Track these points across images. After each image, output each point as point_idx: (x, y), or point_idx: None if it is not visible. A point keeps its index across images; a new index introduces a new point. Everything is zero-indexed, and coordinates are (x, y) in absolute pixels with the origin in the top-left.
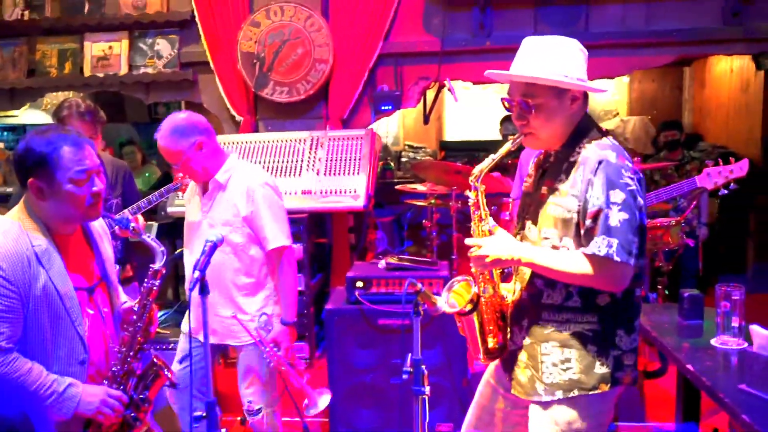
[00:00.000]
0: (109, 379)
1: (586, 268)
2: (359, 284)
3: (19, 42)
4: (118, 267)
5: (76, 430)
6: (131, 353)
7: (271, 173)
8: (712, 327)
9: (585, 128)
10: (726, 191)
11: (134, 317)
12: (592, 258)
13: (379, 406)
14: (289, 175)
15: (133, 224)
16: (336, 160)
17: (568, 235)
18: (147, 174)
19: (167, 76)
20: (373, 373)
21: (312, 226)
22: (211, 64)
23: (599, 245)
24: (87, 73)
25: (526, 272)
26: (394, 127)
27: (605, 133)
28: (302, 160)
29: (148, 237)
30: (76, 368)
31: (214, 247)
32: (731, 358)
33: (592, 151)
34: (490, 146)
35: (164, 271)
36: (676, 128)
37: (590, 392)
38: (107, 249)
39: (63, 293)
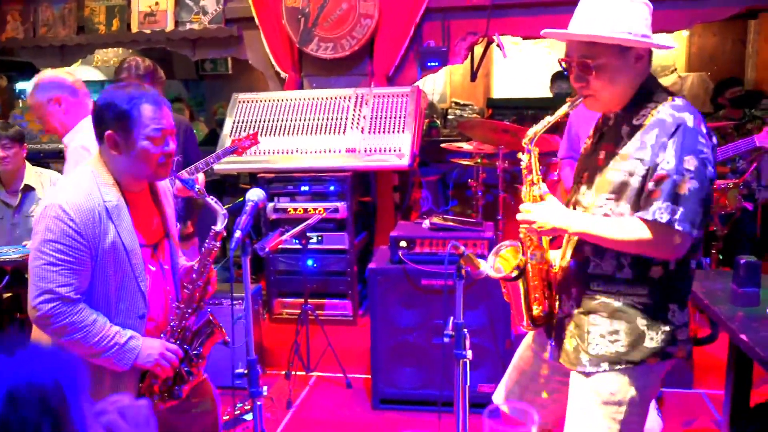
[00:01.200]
0: (166, 333)
1: (642, 234)
2: (403, 244)
3: (68, 0)
4: (179, 224)
5: (131, 382)
6: (189, 310)
7: (316, 131)
8: None
9: (649, 89)
10: None
11: (194, 276)
12: (652, 224)
13: (421, 365)
14: (334, 132)
15: (198, 186)
16: (381, 117)
17: (624, 200)
18: (195, 131)
19: (213, 33)
20: (416, 332)
21: (356, 185)
22: (256, 20)
23: (662, 211)
24: (134, 29)
25: (576, 240)
26: (440, 84)
27: (672, 94)
28: (347, 118)
29: (212, 199)
30: (136, 322)
31: (255, 206)
32: None
33: (667, 113)
34: (539, 104)
35: (225, 234)
36: (739, 84)
37: (637, 365)
38: (171, 207)
39: (129, 249)
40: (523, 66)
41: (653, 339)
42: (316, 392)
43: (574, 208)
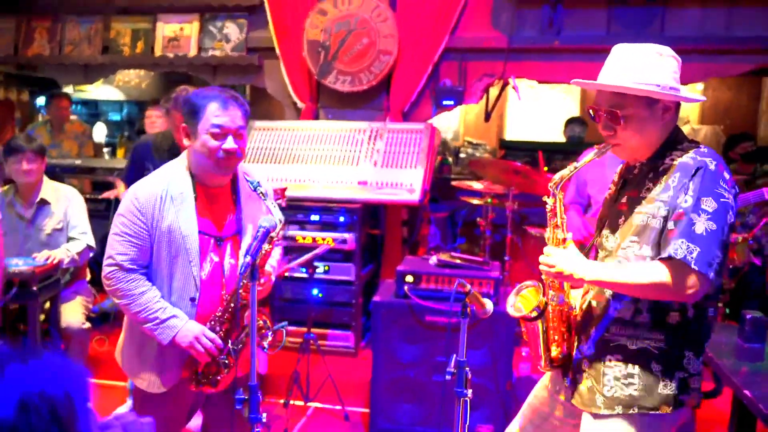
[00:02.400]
0: (212, 320)
1: (658, 276)
2: (409, 279)
3: (95, 20)
4: None
5: (173, 358)
6: (233, 303)
7: (330, 161)
8: None
9: (675, 140)
10: None
11: (246, 273)
12: (668, 264)
13: (421, 401)
14: (347, 164)
15: (263, 188)
16: (394, 152)
17: (646, 243)
18: None
19: (234, 60)
20: (417, 368)
21: (366, 217)
22: (277, 50)
23: (677, 248)
24: (158, 52)
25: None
26: (454, 122)
27: (698, 144)
28: (360, 151)
29: (273, 204)
30: (187, 303)
31: (267, 232)
32: None
33: (690, 158)
34: (552, 147)
35: (279, 238)
36: (751, 140)
37: (650, 412)
38: (253, 209)
39: (186, 234)
40: (536, 109)
41: (667, 386)
42: (314, 423)
43: (597, 252)
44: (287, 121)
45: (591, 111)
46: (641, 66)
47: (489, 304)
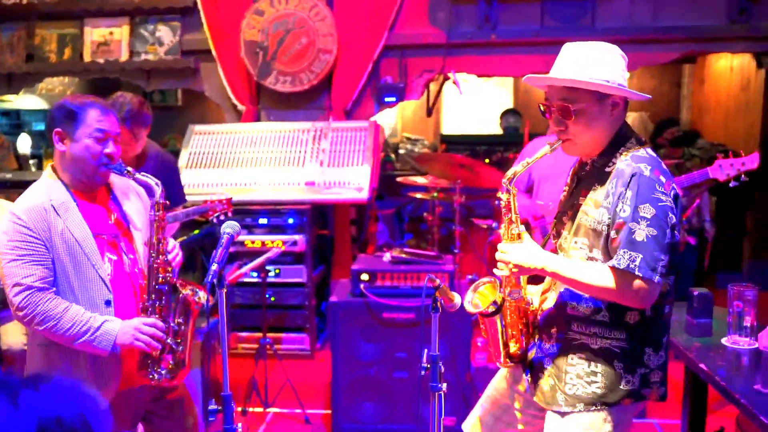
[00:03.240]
0: (141, 311)
1: (609, 281)
2: (364, 277)
3: (17, 26)
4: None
5: (112, 371)
6: (154, 284)
7: (274, 163)
8: (721, 326)
9: (623, 137)
10: (737, 183)
11: (151, 251)
12: (615, 271)
13: (383, 399)
14: (293, 165)
15: (129, 168)
16: (339, 151)
17: (597, 247)
18: None
19: (169, 63)
20: (377, 366)
21: (315, 218)
22: (214, 52)
23: (620, 258)
24: (87, 58)
25: (558, 282)
26: (392, 119)
27: (643, 143)
28: (305, 151)
29: (141, 174)
30: (103, 308)
31: (231, 238)
32: (742, 358)
33: (626, 164)
34: (491, 140)
35: (165, 203)
36: (677, 125)
37: (612, 406)
38: (134, 203)
39: (80, 239)
40: (471, 102)
41: (629, 382)
42: (274, 429)
43: (556, 253)
44: (228, 125)
45: (542, 107)
46: (591, 62)
47: (457, 298)
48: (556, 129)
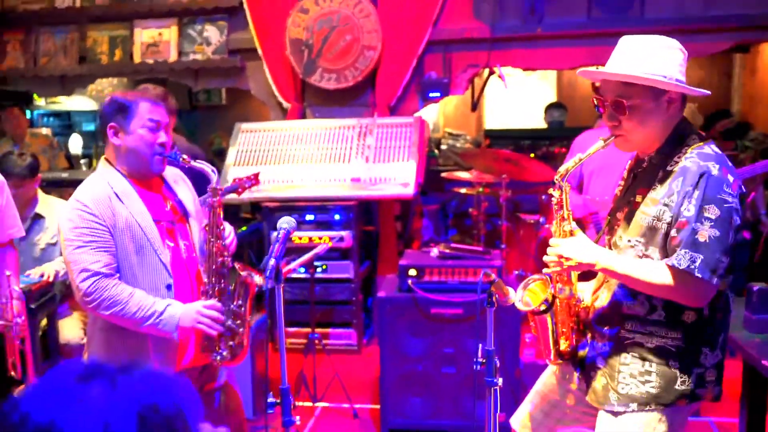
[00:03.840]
0: (202, 294)
1: (665, 279)
2: (412, 272)
3: (70, 29)
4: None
5: (171, 352)
6: (213, 267)
7: (320, 160)
8: None
9: (683, 133)
10: None
11: (207, 235)
12: (673, 270)
13: (431, 394)
14: (338, 161)
15: (182, 156)
16: (385, 147)
17: (654, 245)
18: None
19: (216, 63)
20: (425, 361)
21: (360, 214)
22: (259, 51)
23: (680, 258)
24: (137, 59)
25: (612, 279)
26: (433, 114)
27: (704, 139)
28: (351, 147)
29: (199, 162)
30: (164, 292)
31: (287, 233)
32: None
33: (693, 162)
34: (536, 134)
35: (222, 188)
36: (729, 116)
37: (666, 407)
38: (185, 191)
39: (144, 225)
40: (514, 96)
41: (685, 382)
42: (323, 423)
43: (614, 247)
44: (274, 122)
45: (595, 101)
46: (648, 56)
47: (512, 292)
48: (609, 124)
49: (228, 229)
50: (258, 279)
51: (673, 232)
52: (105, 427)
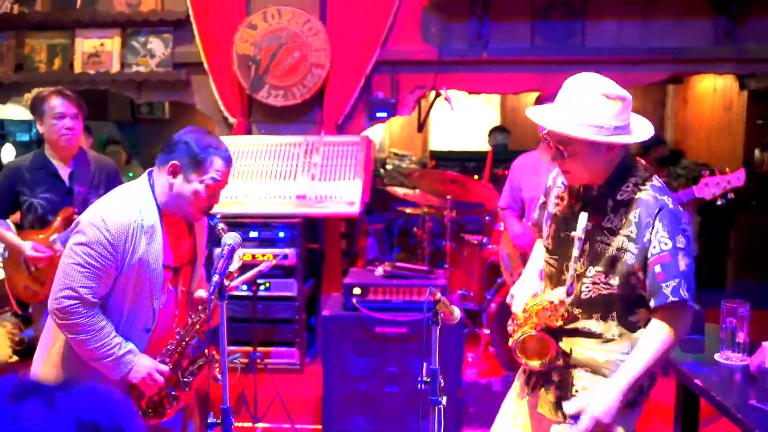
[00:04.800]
0: (162, 354)
1: (664, 337)
2: (357, 291)
3: (7, 36)
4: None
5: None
6: (187, 338)
7: (266, 177)
8: (713, 342)
9: (628, 165)
10: (724, 201)
11: (200, 306)
12: (666, 310)
13: (375, 414)
14: (284, 178)
15: (222, 225)
16: (331, 165)
17: (615, 274)
18: (131, 174)
19: (160, 76)
20: (369, 380)
21: (305, 232)
22: (206, 65)
23: (680, 289)
24: (77, 69)
25: (569, 301)
26: (379, 134)
27: (649, 172)
28: (297, 165)
29: (228, 236)
30: (142, 334)
31: (232, 249)
32: (735, 374)
33: (649, 195)
34: (480, 156)
35: (237, 275)
36: (664, 144)
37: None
38: (203, 236)
39: (153, 268)
40: (459, 119)
41: (632, 391)
42: None
43: (565, 270)
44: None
45: (545, 139)
46: (586, 108)
47: (457, 311)
48: (555, 162)
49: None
50: (219, 376)
51: (657, 268)
52: None
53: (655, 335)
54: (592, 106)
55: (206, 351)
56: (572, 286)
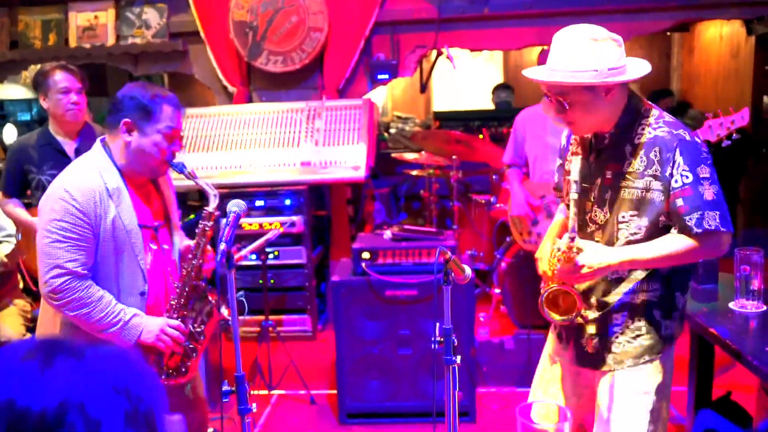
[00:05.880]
0: (168, 310)
1: (690, 245)
2: (366, 255)
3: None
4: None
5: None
6: (186, 289)
7: (269, 145)
8: (726, 291)
9: (635, 107)
10: (729, 142)
11: (190, 255)
12: (701, 235)
13: (388, 377)
14: (287, 146)
15: (189, 168)
16: (334, 130)
17: (645, 215)
18: None
19: (157, 47)
20: (381, 344)
21: (312, 198)
22: (202, 34)
23: (706, 221)
24: (72, 44)
25: None
26: (382, 98)
27: (658, 110)
28: (299, 131)
29: (202, 181)
30: (136, 299)
31: (238, 216)
32: (751, 321)
33: (664, 131)
34: (485, 115)
35: (218, 214)
36: (671, 95)
37: (658, 354)
38: (171, 192)
39: (129, 229)
40: (461, 78)
41: (668, 327)
42: (279, 410)
43: (588, 226)
44: (220, 107)
45: (546, 95)
46: (577, 54)
47: (467, 270)
48: (559, 116)
49: (211, 253)
50: (224, 311)
51: (678, 202)
52: (80, 405)
53: (681, 239)
54: (582, 52)
55: (209, 297)
56: (574, 229)
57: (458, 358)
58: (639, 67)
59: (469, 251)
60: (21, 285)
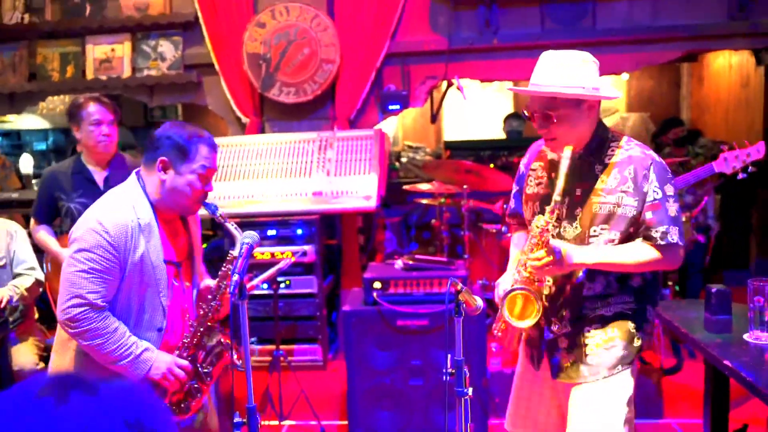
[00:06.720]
0: (179, 348)
1: (653, 255)
2: (377, 285)
3: (19, 46)
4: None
5: None
6: (201, 329)
7: (281, 175)
8: (740, 322)
9: (603, 132)
10: (745, 175)
11: (210, 296)
12: (663, 246)
13: (399, 407)
14: (299, 176)
15: (221, 211)
16: (346, 160)
17: (615, 229)
18: None
19: (171, 78)
20: (393, 374)
21: (323, 228)
22: (216, 66)
23: (670, 234)
24: (89, 76)
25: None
26: (392, 128)
27: (622, 135)
28: (311, 161)
29: (231, 225)
30: (154, 334)
31: (251, 248)
32: (765, 353)
33: (637, 152)
34: (495, 145)
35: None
36: (682, 125)
37: (629, 365)
38: (198, 229)
39: (156, 265)
40: (472, 108)
41: (639, 338)
42: None
43: (563, 232)
44: (233, 137)
45: (526, 112)
46: (567, 71)
47: (479, 301)
48: (541, 132)
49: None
50: (235, 357)
51: (648, 215)
52: None
53: (646, 247)
54: (572, 70)
55: (221, 339)
56: (554, 213)
57: (470, 390)
58: (612, 90)
59: (480, 281)
60: (40, 312)
